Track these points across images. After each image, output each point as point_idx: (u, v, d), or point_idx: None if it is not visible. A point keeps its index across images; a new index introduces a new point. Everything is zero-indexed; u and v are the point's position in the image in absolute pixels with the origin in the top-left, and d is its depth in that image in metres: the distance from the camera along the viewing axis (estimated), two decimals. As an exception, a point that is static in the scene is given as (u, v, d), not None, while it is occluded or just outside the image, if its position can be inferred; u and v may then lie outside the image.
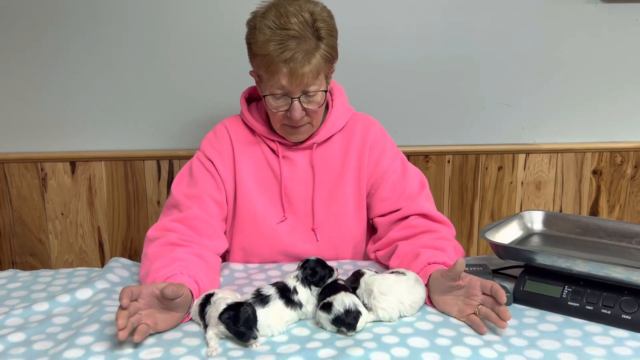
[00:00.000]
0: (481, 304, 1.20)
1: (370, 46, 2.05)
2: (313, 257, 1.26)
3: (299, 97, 1.41)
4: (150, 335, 1.17)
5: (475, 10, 2.04)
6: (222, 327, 1.14)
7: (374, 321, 1.23)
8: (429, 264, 1.32)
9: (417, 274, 1.31)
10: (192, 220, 1.44)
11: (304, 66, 1.37)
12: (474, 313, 1.21)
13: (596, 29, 2.07)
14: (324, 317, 1.17)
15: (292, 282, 1.24)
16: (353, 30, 2.01)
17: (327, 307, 1.17)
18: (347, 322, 1.15)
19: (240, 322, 1.12)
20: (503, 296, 1.16)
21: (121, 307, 1.10)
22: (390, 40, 2.05)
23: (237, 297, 1.23)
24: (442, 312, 1.26)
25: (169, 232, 1.41)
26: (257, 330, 1.14)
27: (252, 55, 1.44)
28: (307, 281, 1.23)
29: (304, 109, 1.43)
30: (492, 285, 1.19)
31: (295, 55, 1.35)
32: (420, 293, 1.26)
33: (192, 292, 1.24)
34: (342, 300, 1.16)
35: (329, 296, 1.19)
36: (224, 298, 1.19)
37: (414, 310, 1.25)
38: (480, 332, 1.18)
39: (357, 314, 1.16)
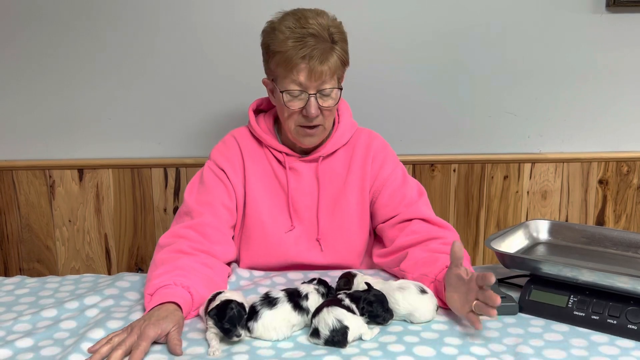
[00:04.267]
0: (477, 299, 1.19)
1: (374, 56, 2.06)
2: (379, 293, 1.26)
3: (315, 94, 1.45)
4: (156, 342, 1.18)
5: (480, 19, 2.04)
6: (211, 323, 1.17)
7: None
8: (447, 267, 1.33)
9: (436, 277, 1.32)
10: (203, 227, 1.46)
11: (323, 63, 1.42)
12: (471, 310, 1.20)
13: (602, 39, 2.07)
14: (316, 342, 1.18)
15: (306, 289, 1.25)
16: (357, 40, 2.02)
17: (315, 334, 1.17)
18: (335, 341, 1.15)
19: (225, 319, 1.14)
20: (489, 278, 1.14)
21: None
22: (395, 49, 2.06)
23: (244, 299, 1.24)
24: (453, 310, 1.26)
25: (180, 238, 1.43)
26: (243, 328, 1.16)
27: (270, 55, 1.48)
28: (361, 309, 1.23)
29: (319, 107, 1.46)
30: (479, 275, 1.17)
31: (313, 52, 1.41)
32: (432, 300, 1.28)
33: (182, 304, 1.24)
34: (325, 321, 1.16)
35: (315, 316, 1.19)
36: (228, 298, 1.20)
37: (429, 313, 1.26)
38: (475, 327, 1.18)
39: (343, 330, 1.15)
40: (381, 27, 2.04)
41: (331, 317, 1.16)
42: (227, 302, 1.17)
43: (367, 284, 1.28)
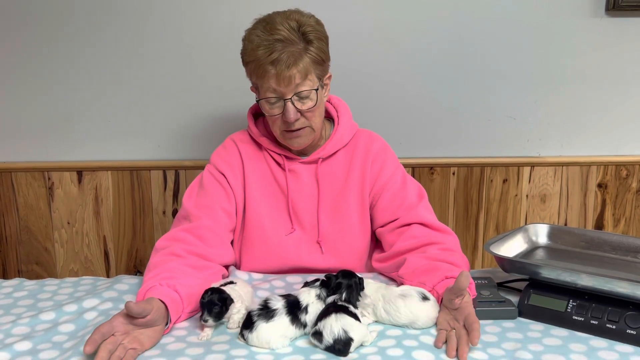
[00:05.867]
0: (454, 330, 1.20)
1: (374, 59, 2.06)
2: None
3: (291, 98, 1.44)
4: (154, 347, 1.19)
5: (480, 23, 2.05)
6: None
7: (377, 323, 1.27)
8: (446, 277, 1.33)
9: (434, 286, 1.32)
10: (200, 230, 1.47)
11: (290, 67, 1.41)
12: (443, 329, 1.22)
13: (601, 42, 2.07)
14: (317, 345, 1.18)
15: (306, 299, 1.23)
16: (358, 43, 2.02)
17: (318, 336, 1.17)
18: (336, 349, 1.15)
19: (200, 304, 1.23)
20: (474, 338, 1.14)
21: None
22: (395, 53, 2.06)
23: (249, 293, 1.31)
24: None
25: (176, 242, 1.43)
26: (211, 316, 1.21)
27: (245, 65, 1.49)
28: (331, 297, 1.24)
29: (299, 110, 1.46)
30: (473, 324, 1.17)
31: (281, 56, 1.40)
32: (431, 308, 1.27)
33: (168, 302, 1.24)
34: (331, 328, 1.15)
35: (321, 319, 1.18)
36: (233, 290, 1.27)
37: (431, 321, 1.26)
38: (435, 344, 1.19)
39: (347, 341, 1.14)
40: (381, 30, 2.04)
41: (338, 326, 1.15)
42: (208, 290, 1.24)
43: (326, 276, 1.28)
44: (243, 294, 1.29)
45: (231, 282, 1.32)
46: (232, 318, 1.26)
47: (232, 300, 1.24)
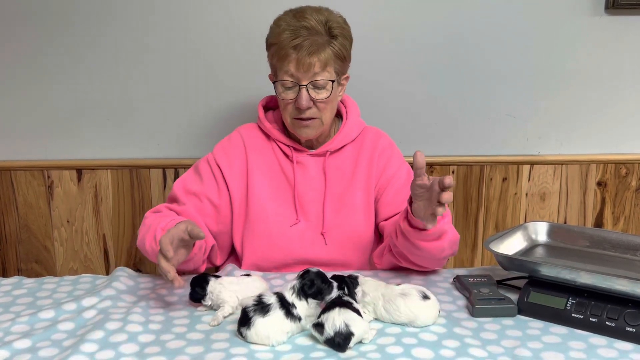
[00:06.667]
0: (439, 202, 1.24)
1: (374, 59, 2.06)
2: (314, 269, 1.25)
3: (306, 85, 1.47)
4: (154, 343, 1.19)
5: (480, 22, 2.04)
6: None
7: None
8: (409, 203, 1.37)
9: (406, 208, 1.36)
10: (183, 217, 1.51)
11: (312, 55, 1.45)
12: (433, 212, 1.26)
13: (601, 41, 2.07)
14: (317, 337, 1.18)
15: (289, 296, 1.22)
16: (357, 44, 2.01)
17: (319, 327, 1.17)
18: (335, 342, 1.14)
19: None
20: (447, 180, 1.18)
21: (166, 259, 1.26)
22: (394, 52, 2.06)
23: (264, 286, 1.35)
24: (419, 219, 1.31)
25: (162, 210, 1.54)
26: (196, 294, 1.31)
27: (268, 47, 1.53)
28: (303, 293, 1.22)
29: (312, 99, 1.48)
30: (439, 178, 1.21)
31: (303, 42, 1.44)
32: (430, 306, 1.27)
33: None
34: (333, 321, 1.15)
35: (325, 312, 1.18)
36: (251, 282, 1.35)
37: (431, 320, 1.26)
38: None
39: (347, 335, 1.14)
40: (381, 29, 2.04)
41: (340, 320, 1.15)
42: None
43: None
44: (244, 292, 1.30)
45: (247, 275, 1.39)
46: (217, 313, 1.29)
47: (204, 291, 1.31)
